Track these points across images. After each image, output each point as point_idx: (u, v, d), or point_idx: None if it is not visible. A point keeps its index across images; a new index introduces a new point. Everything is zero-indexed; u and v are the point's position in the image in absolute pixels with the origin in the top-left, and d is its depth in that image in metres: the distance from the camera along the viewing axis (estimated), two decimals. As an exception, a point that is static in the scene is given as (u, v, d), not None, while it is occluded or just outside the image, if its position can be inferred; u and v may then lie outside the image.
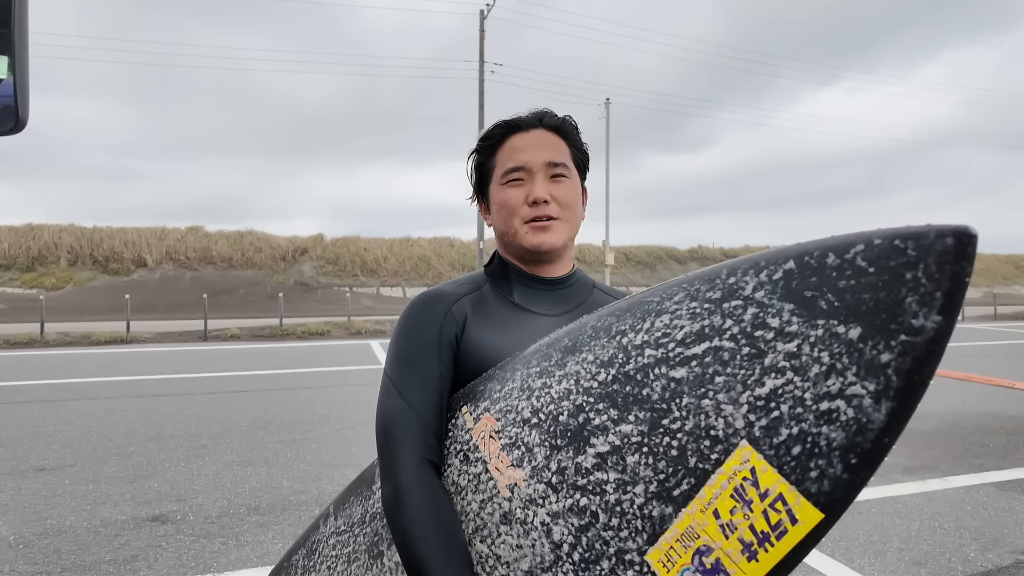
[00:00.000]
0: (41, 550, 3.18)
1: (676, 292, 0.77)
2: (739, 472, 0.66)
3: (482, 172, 1.06)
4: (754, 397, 0.66)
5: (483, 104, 20.18)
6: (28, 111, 0.82)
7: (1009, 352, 11.71)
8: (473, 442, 0.90)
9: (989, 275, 37.54)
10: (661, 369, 0.74)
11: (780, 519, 0.63)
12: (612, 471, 0.74)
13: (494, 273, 1.07)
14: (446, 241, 29.83)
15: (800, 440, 0.63)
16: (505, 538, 0.82)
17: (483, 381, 0.94)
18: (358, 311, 20.22)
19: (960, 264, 0.58)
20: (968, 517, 3.63)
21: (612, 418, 0.76)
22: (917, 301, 0.59)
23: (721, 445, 0.67)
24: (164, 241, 25.60)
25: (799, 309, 0.65)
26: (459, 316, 0.99)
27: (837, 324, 0.63)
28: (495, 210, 1.04)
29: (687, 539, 0.68)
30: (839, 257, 0.64)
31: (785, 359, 0.65)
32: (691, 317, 0.74)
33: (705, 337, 0.71)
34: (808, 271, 0.66)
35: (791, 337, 0.65)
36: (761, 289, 0.69)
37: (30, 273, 22.91)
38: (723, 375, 0.69)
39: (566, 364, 0.83)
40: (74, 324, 15.97)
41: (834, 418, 0.61)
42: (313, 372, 9.09)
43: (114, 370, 9.18)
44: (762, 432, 0.65)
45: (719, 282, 0.73)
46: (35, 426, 5.71)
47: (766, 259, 0.71)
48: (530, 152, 1.00)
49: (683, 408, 0.70)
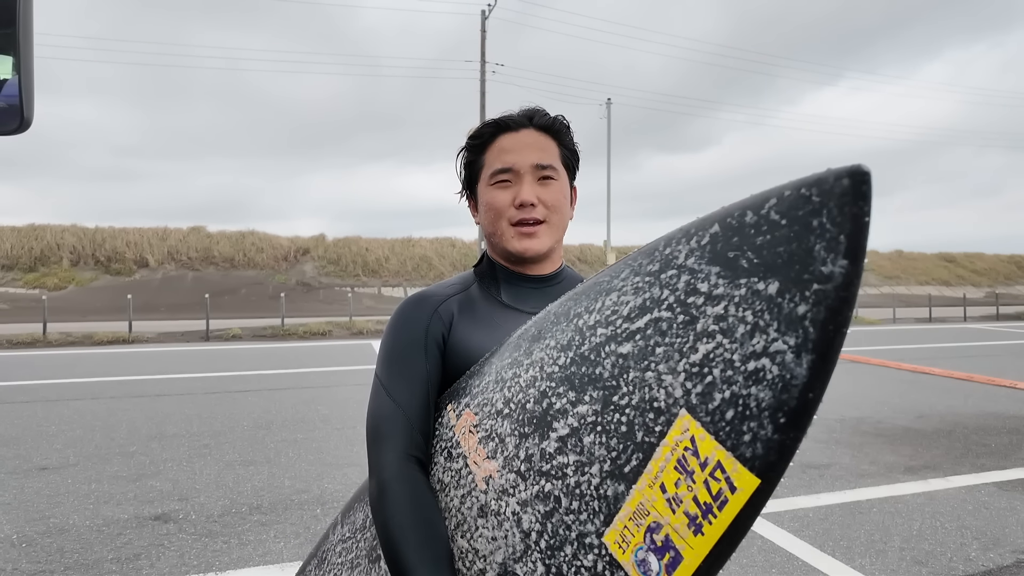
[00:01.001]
0: (44, 549, 3.19)
1: (623, 269, 0.78)
2: (680, 442, 0.65)
3: (471, 170, 1.06)
4: (689, 364, 0.66)
5: (484, 104, 20.18)
6: (32, 111, 0.83)
7: (1011, 352, 11.69)
8: (455, 439, 0.90)
9: (991, 275, 37.46)
10: (611, 346, 0.74)
11: (720, 488, 0.63)
12: (572, 453, 0.74)
13: (483, 273, 1.08)
14: (447, 241, 29.85)
15: (732, 404, 0.62)
16: (482, 531, 0.82)
17: (465, 379, 0.95)
18: (360, 311, 20.23)
19: (858, 204, 0.57)
20: (969, 516, 3.63)
21: (570, 400, 0.76)
22: (824, 247, 0.58)
23: (664, 416, 0.67)
24: (166, 241, 25.64)
25: (724, 271, 0.65)
26: (446, 316, 1.00)
27: (757, 281, 0.62)
28: (482, 210, 1.04)
29: (638, 516, 0.68)
30: (756, 214, 0.64)
31: (714, 322, 0.65)
32: (635, 292, 0.74)
33: (646, 310, 0.72)
34: (731, 232, 0.66)
35: (718, 300, 0.65)
36: (692, 256, 0.69)
37: (33, 273, 22.96)
38: (663, 345, 0.69)
39: (532, 352, 0.84)
40: (76, 324, 16.00)
41: (761, 377, 0.60)
42: (315, 372, 9.10)
43: (116, 370, 9.20)
44: (698, 399, 0.64)
45: (657, 254, 0.74)
46: (38, 425, 5.73)
47: (696, 226, 0.71)
48: (518, 153, 1.00)
49: (630, 383, 0.70)
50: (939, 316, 21.75)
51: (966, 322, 20.02)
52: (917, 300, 26.63)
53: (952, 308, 24.57)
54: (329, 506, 3.78)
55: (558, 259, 1.08)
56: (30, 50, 0.83)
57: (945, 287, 34.19)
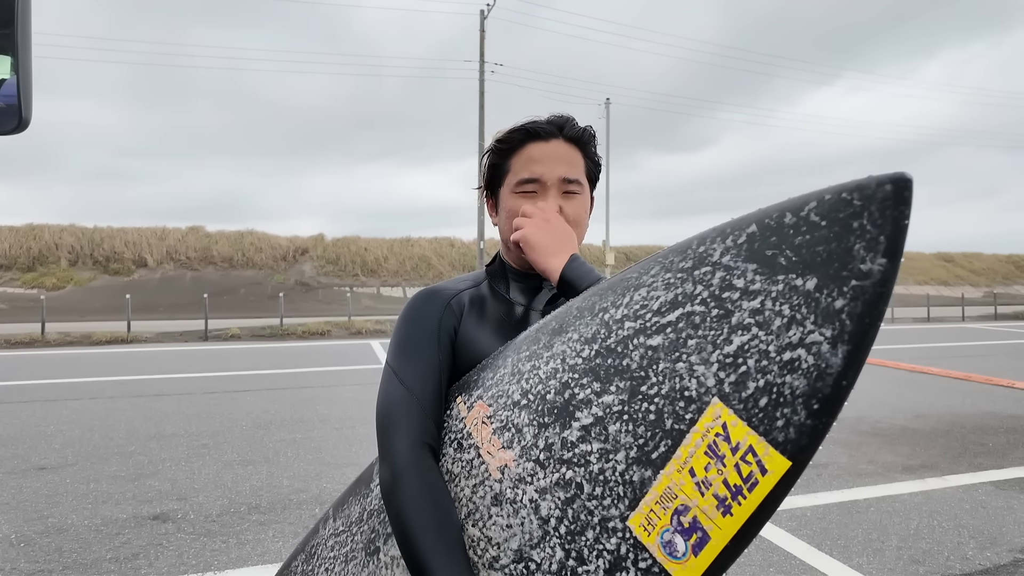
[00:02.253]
0: (42, 548, 3.19)
1: (652, 266, 0.81)
2: (712, 428, 0.68)
3: (495, 173, 1.06)
4: (723, 355, 0.69)
5: (483, 104, 20.19)
6: (31, 111, 0.83)
7: (1009, 352, 11.71)
8: (466, 430, 0.91)
9: (989, 275, 37.51)
10: (639, 339, 0.77)
11: (751, 471, 0.66)
12: (595, 441, 0.77)
13: (494, 272, 1.09)
14: (446, 241, 29.85)
15: (766, 391, 0.65)
16: (496, 519, 0.84)
17: (476, 371, 0.96)
18: (358, 311, 20.23)
19: (899, 208, 0.61)
20: (967, 516, 3.64)
21: (595, 391, 0.79)
22: (864, 247, 0.62)
23: (695, 404, 0.70)
24: (165, 241, 25.62)
25: (761, 268, 0.69)
26: (457, 310, 1.02)
27: (795, 278, 0.66)
28: (503, 216, 1.04)
29: (666, 500, 0.71)
30: (795, 215, 0.68)
31: (750, 316, 0.68)
32: (666, 287, 0.77)
33: (678, 304, 0.75)
34: (768, 232, 0.69)
35: (755, 295, 0.68)
36: (727, 254, 0.72)
37: (31, 273, 22.93)
38: (695, 338, 0.72)
39: (553, 345, 0.86)
40: (75, 324, 15.98)
41: (796, 366, 0.64)
42: (313, 372, 9.10)
43: (115, 370, 9.19)
44: (731, 388, 0.68)
45: (690, 252, 0.77)
46: (36, 425, 5.72)
47: (731, 226, 0.74)
48: (546, 165, 1.00)
49: (659, 373, 0.73)
50: (937, 316, 21.77)
51: (964, 322, 20.04)
52: (915, 300, 26.65)
53: (950, 308, 24.60)
54: (328, 505, 3.78)
55: None
56: (28, 50, 0.83)
57: (943, 287, 34.24)
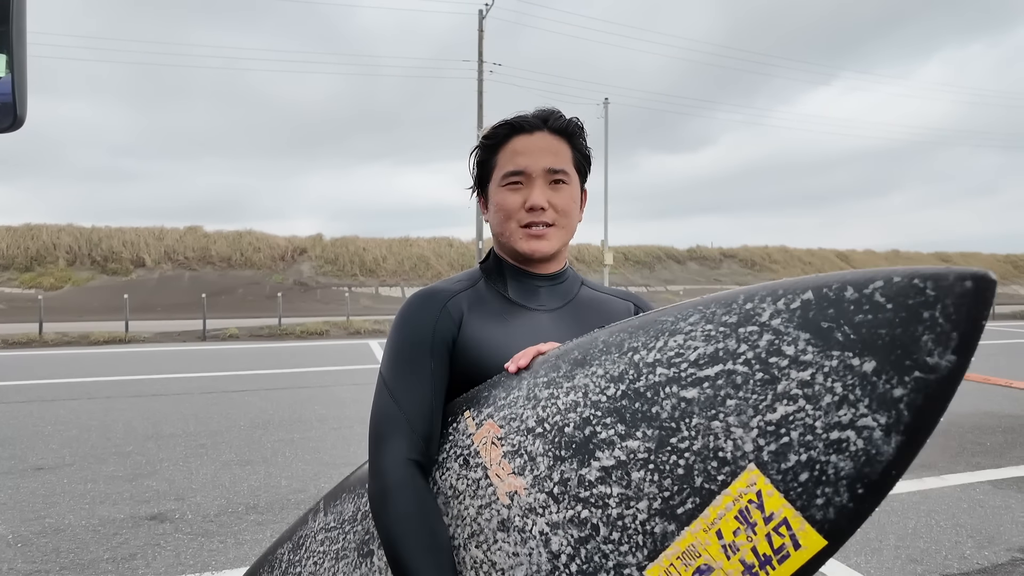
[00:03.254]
0: (40, 548, 3.18)
1: (691, 313, 0.78)
2: (745, 494, 0.67)
3: (483, 169, 1.06)
4: (765, 422, 0.67)
5: (482, 104, 20.18)
6: (26, 109, 0.83)
7: (1007, 351, 11.73)
8: (474, 447, 0.90)
9: (987, 275, 37.54)
10: (672, 388, 0.74)
11: (783, 543, 0.64)
12: (616, 485, 0.75)
13: (489, 269, 1.09)
14: (445, 241, 29.84)
15: (808, 467, 0.64)
16: (502, 545, 0.83)
17: (488, 387, 0.94)
18: (357, 311, 20.22)
19: (979, 307, 0.59)
20: (964, 515, 3.64)
21: (619, 433, 0.76)
22: (933, 340, 0.60)
23: (729, 467, 0.68)
24: (163, 241, 25.59)
25: (815, 339, 0.66)
26: (455, 313, 1.00)
27: (852, 356, 0.63)
28: (493, 210, 1.04)
29: (688, 557, 0.69)
30: (857, 291, 0.65)
31: (798, 387, 0.66)
32: (705, 339, 0.74)
33: (719, 360, 0.72)
34: (826, 302, 0.67)
35: (805, 366, 0.66)
36: (778, 317, 0.70)
37: (28, 273, 22.89)
38: (735, 398, 0.69)
39: (575, 376, 0.84)
40: (73, 324, 15.95)
41: (843, 448, 0.62)
42: (312, 372, 9.09)
43: (113, 370, 9.17)
44: (771, 457, 0.66)
45: (736, 307, 0.74)
46: (33, 425, 5.71)
47: (784, 288, 0.71)
48: (531, 156, 1.00)
49: (692, 428, 0.71)
50: (935, 315, 21.76)
51: (962, 321, 20.06)
52: (913, 300, 26.60)
53: (948, 308, 24.57)
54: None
55: (563, 259, 1.09)
56: (23, 48, 0.83)
57: (941, 287, 34.23)
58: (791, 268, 33.98)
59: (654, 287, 28.63)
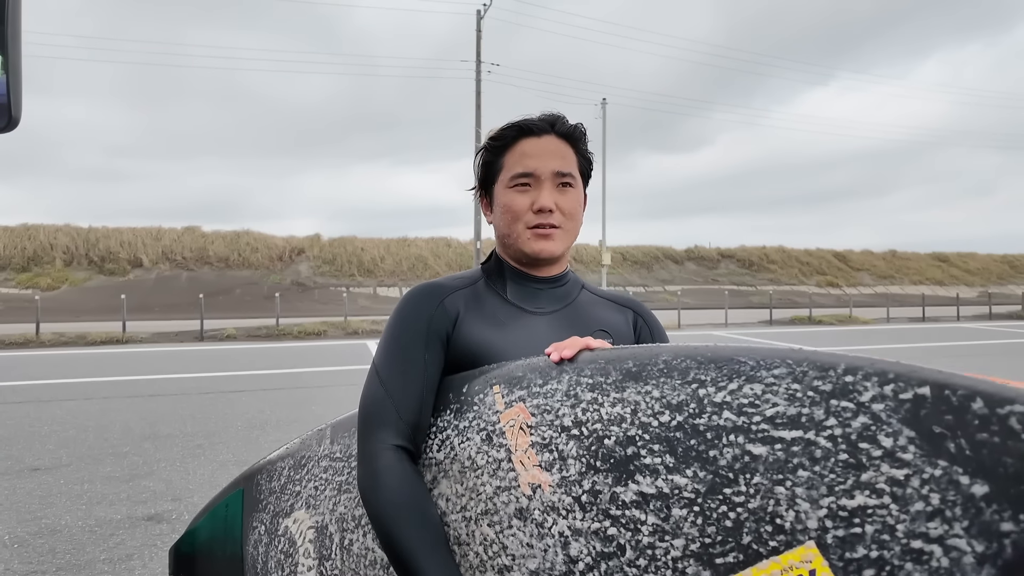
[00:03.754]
0: (36, 549, 3.17)
1: (777, 365, 0.72)
2: (796, 568, 0.63)
3: (489, 170, 1.07)
4: (838, 505, 0.63)
5: (480, 104, 20.18)
6: (21, 109, 0.82)
7: (1003, 351, 11.76)
8: (500, 426, 0.88)
9: (984, 275, 37.66)
10: (738, 438, 0.70)
11: None
12: (652, 515, 0.73)
13: (490, 270, 1.09)
14: (443, 241, 29.85)
15: (877, 565, 0.60)
16: (517, 532, 0.82)
17: (524, 369, 0.91)
18: (355, 311, 20.20)
19: None
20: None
21: (667, 464, 0.73)
22: None
23: (784, 536, 0.65)
24: (160, 241, 25.56)
25: (920, 440, 0.61)
26: (451, 310, 1.01)
27: (962, 473, 0.58)
28: (499, 211, 1.05)
29: None
30: (988, 408, 0.59)
31: (887, 483, 0.61)
32: (788, 399, 0.69)
33: (800, 426, 0.67)
34: (944, 406, 0.60)
35: (902, 464, 0.61)
36: (881, 402, 0.64)
37: (26, 273, 22.84)
38: (809, 471, 0.65)
39: (625, 389, 0.80)
40: (70, 324, 15.92)
41: (924, 560, 0.58)
42: (309, 372, 9.08)
43: (110, 370, 9.16)
44: (836, 541, 0.62)
45: (832, 375, 0.68)
46: (30, 426, 5.70)
47: (896, 373, 0.65)
48: (540, 159, 1.01)
49: (752, 485, 0.68)
50: (932, 315, 21.84)
51: (959, 321, 20.11)
52: (911, 300, 26.76)
53: (945, 308, 24.68)
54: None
55: (564, 263, 1.10)
56: (18, 47, 0.82)
57: (938, 287, 34.37)
58: (789, 268, 34.03)
59: (652, 287, 28.65)
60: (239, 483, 1.31)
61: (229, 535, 1.27)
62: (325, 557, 1.04)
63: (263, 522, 1.19)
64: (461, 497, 0.89)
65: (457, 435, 0.93)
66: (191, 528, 1.35)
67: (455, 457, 0.91)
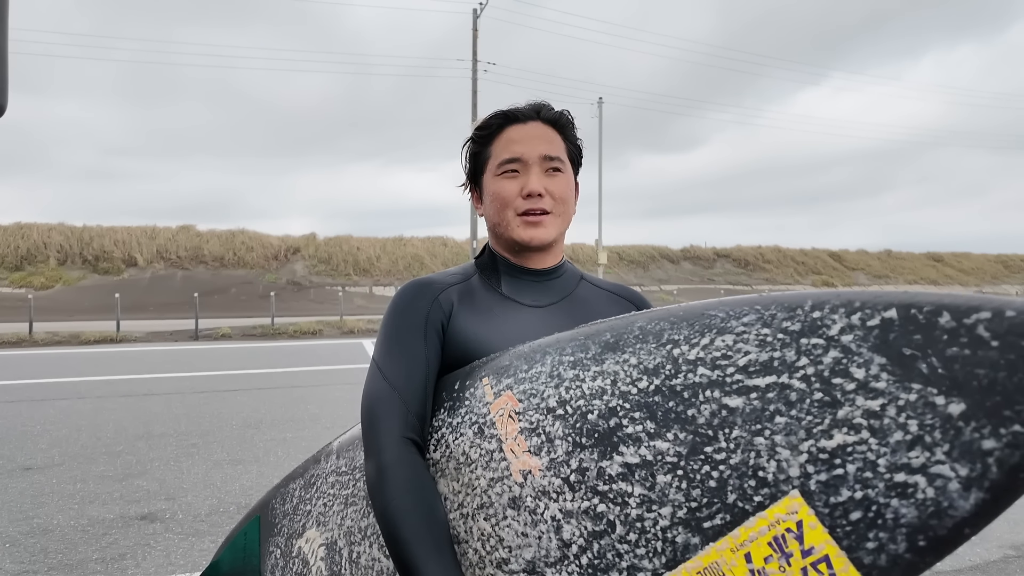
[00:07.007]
0: (28, 549, 3.15)
1: (746, 312, 0.70)
2: (783, 521, 0.61)
3: (476, 161, 1.06)
4: (817, 448, 0.61)
5: (476, 103, 20.16)
6: (7, 97, 0.81)
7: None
8: (490, 417, 0.87)
9: (978, 275, 37.85)
10: (714, 393, 0.68)
11: None
12: (638, 485, 0.71)
13: (484, 264, 1.08)
14: (439, 240, 29.81)
15: (862, 506, 0.58)
16: (511, 522, 0.81)
17: (511, 357, 0.91)
18: (351, 310, 20.16)
19: None
20: (956, 513, 3.66)
21: (648, 431, 0.72)
22: None
23: (768, 489, 0.63)
24: (155, 240, 25.44)
25: (892, 366, 0.59)
26: (446, 304, 1.00)
27: (936, 393, 0.56)
28: (488, 200, 1.04)
29: (709, 573, 0.65)
30: (956, 320, 0.57)
31: (863, 416, 0.59)
32: (759, 344, 0.67)
33: (772, 370, 0.65)
34: (912, 326, 0.58)
35: (876, 394, 0.59)
36: (850, 332, 0.62)
37: (19, 272, 22.72)
38: (785, 416, 0.63)
39: (604, 361, 0.79)
40: (63, 323, 15.85)
41: (909, 493, 0.56)
42: (305, 371, 9.05)
43: (103, 369, 9.11)
44: (819, 487, 0.60)
45: (800, 313, 0.66)
46: (23, 425, 5.66)
47: (862, 301, 0.63)
48: (526, 144, 1.00)
49: (732, 440, 0.66)
50: (927, 315, 21.89)
51: (953, 321, 20.18)
52: (905, 299, 26.74)
53: (940, 307, 24.73)
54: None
55: (559, 253, 1.08)
56: (4, 36, 0.81)
57: (933, 286, 34.51)
58: (784, 268, 34.11)
59: (648, 286, 28.68)
60: (256, 511, 1.31)
61: (248, 563, 1.26)
62: (336, 573, 1.03)
63: (279, 546, 1.18)
64: (458, 494, 0.88)
65: (451, 432, 0.92)
66: (214, 561, 1.35)
67: (450, 455, 0.90)
